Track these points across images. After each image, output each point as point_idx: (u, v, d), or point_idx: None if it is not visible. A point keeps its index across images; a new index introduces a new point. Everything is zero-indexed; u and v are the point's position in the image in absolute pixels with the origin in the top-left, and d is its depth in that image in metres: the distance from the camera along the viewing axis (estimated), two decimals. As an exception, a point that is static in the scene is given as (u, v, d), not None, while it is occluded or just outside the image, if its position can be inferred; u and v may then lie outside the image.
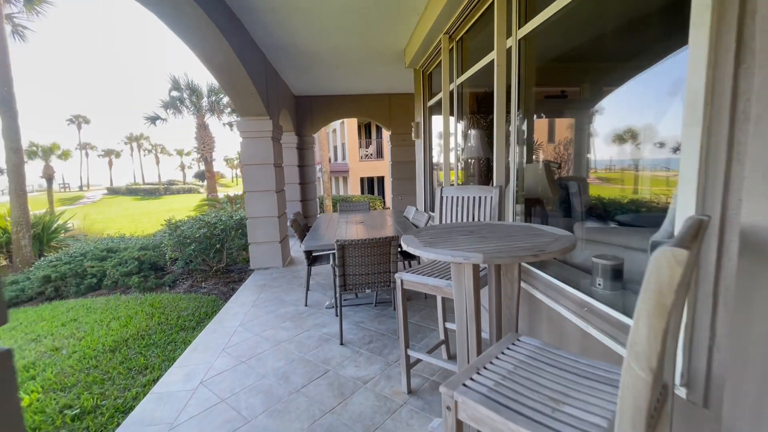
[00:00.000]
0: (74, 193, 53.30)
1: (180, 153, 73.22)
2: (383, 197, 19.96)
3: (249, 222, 5.74)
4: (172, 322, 4.30)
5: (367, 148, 21.89)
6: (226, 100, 16.07)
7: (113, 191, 50.81)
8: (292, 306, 4.25)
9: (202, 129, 15.91)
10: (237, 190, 50.36)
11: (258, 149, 5.62)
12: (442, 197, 2.78)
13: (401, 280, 2.38)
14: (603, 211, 2.42)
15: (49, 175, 29.91)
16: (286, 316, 3.96)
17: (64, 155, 32.96)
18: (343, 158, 22.01)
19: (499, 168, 2.87)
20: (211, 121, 16.52)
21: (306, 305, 4.24)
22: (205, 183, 17.33)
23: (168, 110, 15.10)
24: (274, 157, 5.72)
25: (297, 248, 7.19)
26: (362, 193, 21.34)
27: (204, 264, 6.12)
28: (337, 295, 3.41)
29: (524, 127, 2.73)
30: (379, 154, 21.29)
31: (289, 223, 4.20)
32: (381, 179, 22.08)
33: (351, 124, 20.44)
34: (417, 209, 4.93)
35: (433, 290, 2.23)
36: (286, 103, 7.23)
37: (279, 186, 5.95)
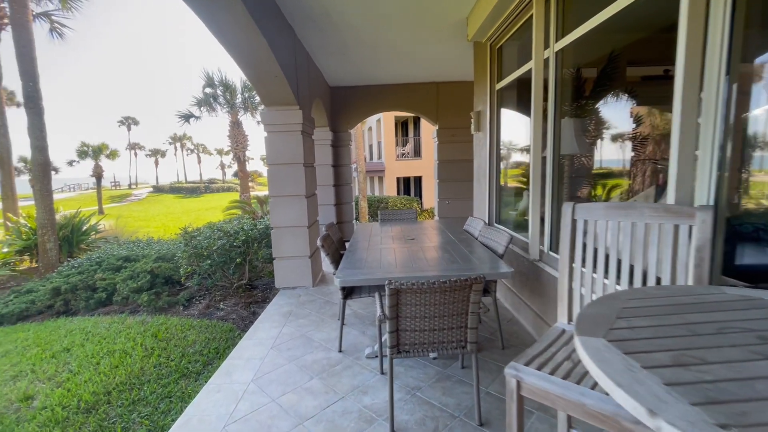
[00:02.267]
0: (123, 191, 56.04)
1: (220, 152, 75.45)
2: (420, 198, 18.78)
3: (274, 233, 4.80)
4: (173, 364, 3.40)
5: (403, 146, 20.77)
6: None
7: (158, 189, 52.86)
8: (323, 351, 3.22)
9: (236, 127, 15.44)
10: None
11: (285, 145, 4.66)
12: (575, 221, 1.61)
13: (517, 382, 1.26)
14: None
15: (98, 174, 31.24)
16: (314, 369, 2.93)
17: (112, 155, 34.30)
18: (379, 157, 21.02)
19: (698, 171, 1.65)
20: (244, 118, 16.08)
21: (340, 350, 3.20)
22: (240, 182, 16.92)
23: (201, 108, 14.73)
24: (305, 154, 4.74)
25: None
26: (398, 193, 20.25)
27: (224, 279, 5.26)
28: (388, 356, 2.32)
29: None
30: (417, 152, 20.10)
31: (319, 243, 3.16)
32: (418, 179, 20.87)
33: (388, 122, 19.40)
34: (485, 222, 3.75)
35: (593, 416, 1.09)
36: (320, 94, 6.26)
37: (310, 190, 4.96)
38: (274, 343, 3.40)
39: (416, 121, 20.64)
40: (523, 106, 4.07)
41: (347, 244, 4.15)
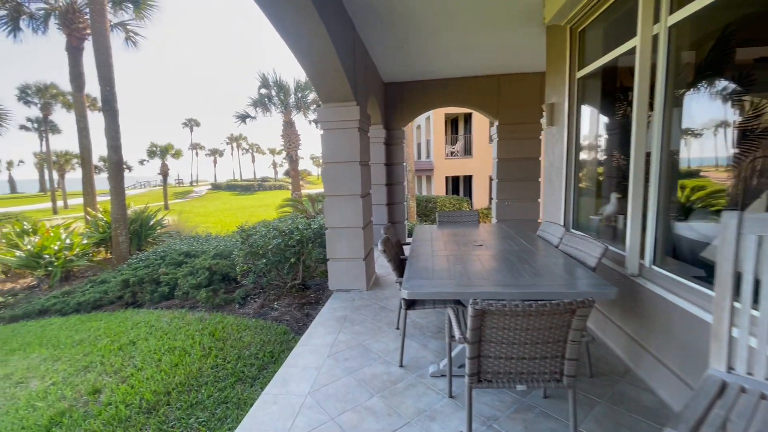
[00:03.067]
0: (185, 188, 60.24)
1: (272, 152, 78.80)
2: (471, 198, 18.12)
3: (328, 233, 4.65)
4: (230, 367, 3.33)
5: (453, 144, 20.16)
6: (311, 96, 15.78)
7: (216, 186, 56.24)
8: (382, 364, 2.98)
9: (289, 127, 15.80)
10: (320, 187, 52.05)
11: (342, 143, 4.48)
12: (742, 237, 1.20)
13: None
14: None
15: (164, 172, 33.69)
16: (374, 385, 2.69)
17: (176, 154, 36.81)
18: (428, 156, 20.59)
19: None
20: (297, 118, 16.42)
21: (401, 365, 2.93)
22: (291, 181, 17.32)
23: (257, 108, 15.24)
24: (361, 152, 4.54)
25: (384, 262, 5.99)
26: (446, 193, 19.71)
27: (278, 278, 5.22)
28: (466, 385, 2.00)
29: None
30: (467, 151, 19.41)
31: (380, 247, 2.92)
32: (468, 179, 20.17)
33: (437, 119, 18.91)
34: (566, 229, 3.30)
35: None
36: (375, 91, 6.05)
37: (365, 189, 4.76)
38: (330, 351, 3.21)
39: (467, 118, 19.95)
40: (613, 96, 3.56)
41: (404, 248, 3.90)
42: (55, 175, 33.35)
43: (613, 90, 3.59)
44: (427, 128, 20.66)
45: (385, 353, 3.15)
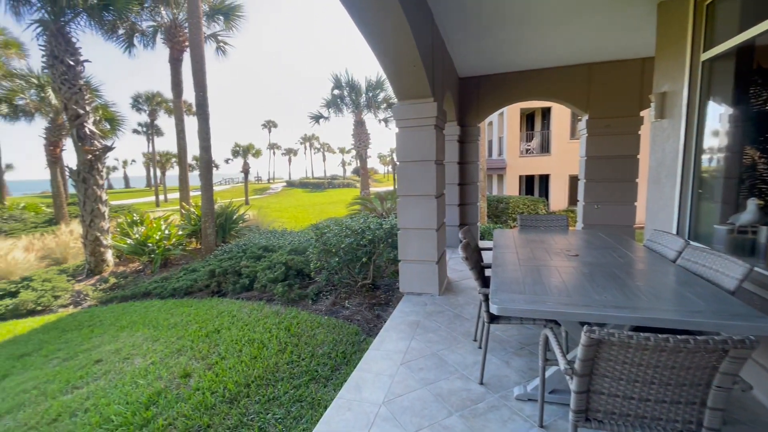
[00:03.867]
0: (264, 185, 64.93)
1: (342, 151, 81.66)
2: (547, 199, 16.86)
3: (401, 234, 4.53)
4: (304, 365, 3.37)
5: (529, 141, 18.93)
6: (382, 95, 15.89)
7: (290, 184, 59.77)
8: (460, 379, 2.76)
9: (359, 126, 16.09)
10: (387, 185, 52.73)
11: (418, 142, 4.32)
12: None
13: None
14: None
15: (246, 170, 36.64)
16: (452, 402, 2.49)
17: (256, 154, 39.78)
18: (500, 154, 19.61)
19: None
20: (367, 118, 16.67)
21: (482, 383, 2.69)
22: (360, 179, 17.64)
23: (329, 109, 15.75)
24: (437, 151, 4.34)
25: (454, 265, 5.73)
26: (520, 193, 18.58)
27: (349, 277, 5.25)
28: (570, 422, 1.72)
29: None
30: (545, 148, 18.09)
31: (462, 254, 2.69)
32: (545, 178, 18.82)
33: (512, 115, 17.89)
34: (687, 241, 2.76)
35: None
36: (450, 86, 5.79)
37: (440, 189, 4.55)
38: (404, 359, 3.08)
39: (545, 113, 18.60)
40: (751, 82, 2.93)
41: (483, 254, 3.62)
42: (158, 173, 38.05)
43: (751, 74, 2.95)
44: (499, 124, 19.67)
45: (462, 367, 2.93)
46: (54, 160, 14.79)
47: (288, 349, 3.66)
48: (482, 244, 7.41)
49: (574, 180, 17.01)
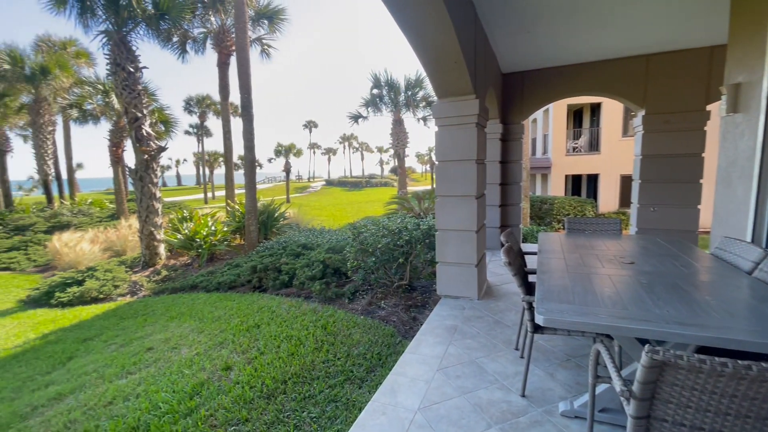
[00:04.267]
0: (304, 183, 66.73)
1: (380, 150, 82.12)
2: (596, 200, 15.92)
3: (438, 235, 4.43)
4: (340, 364, 3.37)
5: (576, 139, 17.97)
6: (421, 94, 15.74)
7: (329, 183, 60.97)
8: (500, 389, 2.63)
9: (397, 125, 16.04)
10: (425, 185, 52.34)
11: (458, 140, 4.20)
12: None
13: None
14: None
15: (287, 169, 37.82)
16: (492, 414, 2.37)
17: (297, 153, 40.98)
18: (544, 152, 18.79)
19: None
20: (405, 117, 16.55)
21: (523, 395, 2.55)
22: (398, 178, 17.60)
23: (368, 108, 15.83)
24: (478, 150, 4.18)
25: (494, 269, 5.53)
26: (566, 194, 17.69)
27: (385, 277, 5.22)
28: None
29: None
30: (593, 146, 17.09)
31: (505, 258, 2.56)
32: (593, 178, 17.80)
33: (558, 111, 17.07)
34: (766, 251, 2.44)
35: None
36: (493, 82, 5.58)
37: (480, 189, 4.40)
38: (441, 365, 2.99)
39: (594, 109, 17.58)
40: None
41: (527, 258, 3.45)
42: (207, 171, 40.22)
43: None
44: (544, 121, 18.83)
45: (502, 376, 2.79)
46: (116, 159, 16.05)
47: (324, 347, 3.68)
48: (525, 247, 7.11)
49: (626, 180, 15.92)
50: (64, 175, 21.30)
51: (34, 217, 15.00)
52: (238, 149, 11.18)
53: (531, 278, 3.27)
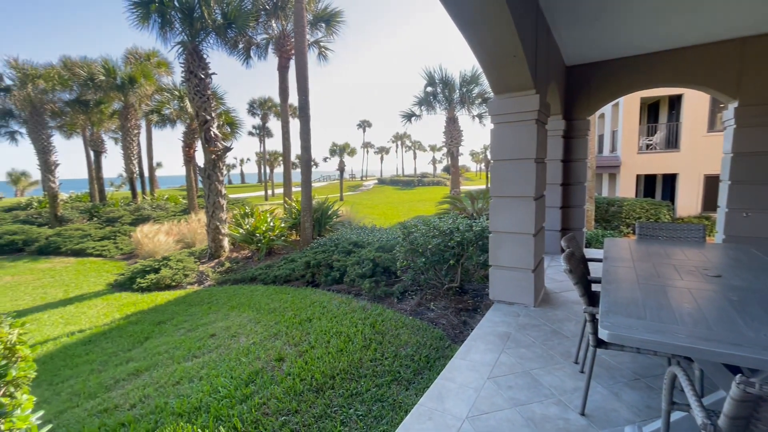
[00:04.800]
0: (357, 182, 68.08)
1: (433, 149, 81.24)
2: (672, 203, 14.38)
3: (492, 237, 4.25)
4: (387, 363, 3.36)
5: (650, 135, 16.36)
6: (477, 90, 15.28)
7: (381, 181, 61.56)
8: (556, 405, 2.45)
9: (451, 123, 15.73)
10: (479, 184, 50.89)
11: (516, 138, 3.99)
12: None
13: None
14: None
15: (341, 168, 38.81)
16: (546, 431, 2.22)
17: (351, 152, 41.92)
18: (612, 150, 17.35)
19: None
20: (459, 114, 16.13)
21: (583, 413, 2.35)
22: (450, 177, 17.28)
23: (422, 107, 15.70)
24: (537, 148, 3.94)
25: (553, 275, 5.20)
26: (637, 195, 16.20)
27: (435, 278, 5.13)
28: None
29: None
30: (671, 143, 15.44)
31: (566, 266, 2.37)
32: (670, 178, 16.09)
33: (629, 105, 15.65)
34: None
35: None
36: (556, 76, 5.24)
37: (539, 190, 4.14)
38: (492, 373, 2.86)
39: (673, 102, 15.87)
40: None
41: (590, 265, 3.18)
42: (267, 170, 42.57)
43: None
44: (613, 116, 17.37)
45: (559, 391, 2.60)
46: (188, 159, 17.54)
47: (372, 346, 3.70)
48: (588, 253, 6.62)
49: (711, 181, 14.18)
50: (146, 173, 23.73)
51: (122, 211, 16.89)
52: (296, 149, 11.66)
53: (594, 287, 3.02)
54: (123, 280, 8.96)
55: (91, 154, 20.55)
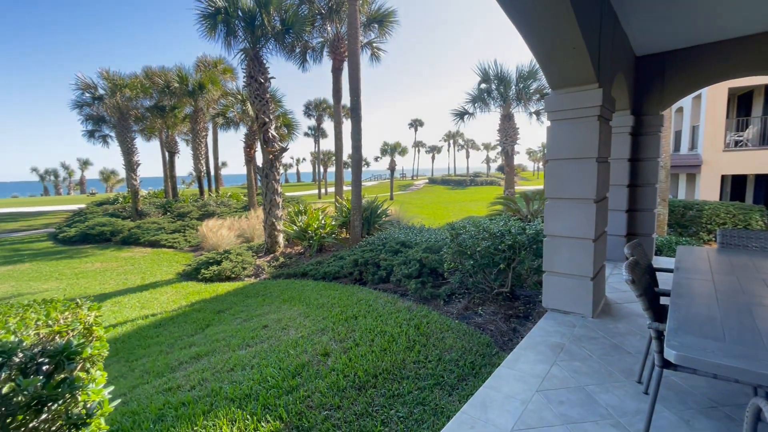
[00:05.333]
0: (407, 181, 68.10)
1: (486, 147, 78.82)
2: (767, 208, 12.59)
3: (547, 241, 4.01)
4: (431, 367, 3.31)
5: (740, 130, 14.47)
6: (535, 86, 14.53)
7: (432, 181, 61.01)
8: (613, 427, 2.25)
9: (506, 120, 15.12)
10: (536, 184, 48.49)
11: (575, 135, 3.72)
12: None
13: None
14: None
15: (392, 167, 39.03)
16: (601, 455, 2.04)
17: (402, 152, 41.90)
18: (692, 147, 15.61)
19: None
20: (516, 111, 15.42)
21: (645, 440, 2.12)
22: (505, 177, 16.64)
23: (475, 104, 15.26)
24: (600, 146, 3.64)
25: (615, 284, 4.79)
26: (721, 198, 14.42)
27: (484, 282, 4.96)
28: None
29: None
30: (767, 139, 13.54)
31: (628, 276, 2.16)
32: (763, 179, 14.13)
33: (714, 96, 13.95)
34: None
35: None
36: (623, 67, 4.81)
37: (601, 192, 3.83)
38: (541, 386, 2.69)
39: (769, 92, 13.90)
40: None
41: (658, 275, 2.88)
42: (321, 169, 44.04)
43: None
44: (694, 110, 15.61)
45: (618, 412, 2.38)
46: (249, 159, 18.68)
47: (416, 347, 3.66)
48: (658, 262, 6.03)
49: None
50: (212, 172, 25.67)
51: (190, 206, 18.43)
52: (348, 149, 11.92)
53: (663, 300, 2.73)
54: (190, 270, 9.75)
55: (166, 154, 22.66)
